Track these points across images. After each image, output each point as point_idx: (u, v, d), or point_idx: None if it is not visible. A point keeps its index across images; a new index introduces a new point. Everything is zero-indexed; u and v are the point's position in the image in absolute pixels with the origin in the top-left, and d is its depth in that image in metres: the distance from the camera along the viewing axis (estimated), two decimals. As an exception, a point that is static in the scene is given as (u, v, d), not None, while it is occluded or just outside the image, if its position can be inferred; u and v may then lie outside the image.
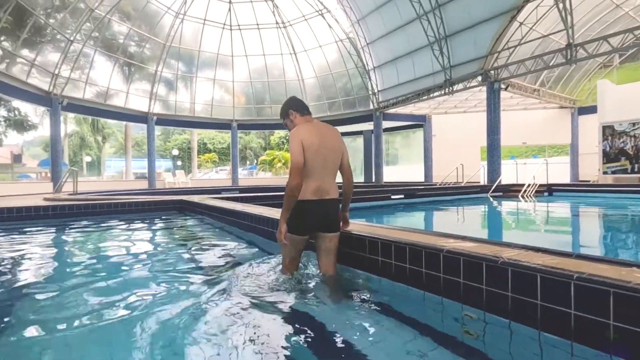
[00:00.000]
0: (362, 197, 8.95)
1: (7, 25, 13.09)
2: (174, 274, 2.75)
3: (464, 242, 1.92)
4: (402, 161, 22.75)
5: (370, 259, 2.28)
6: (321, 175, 2.16)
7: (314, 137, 2.13)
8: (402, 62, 16.50)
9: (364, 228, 2.56)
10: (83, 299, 2.20)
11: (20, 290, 2.41)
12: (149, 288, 2.39)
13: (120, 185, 18.08)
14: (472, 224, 7.08)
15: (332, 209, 2.23)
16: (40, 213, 5.45)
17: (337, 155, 2.24)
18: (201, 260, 3.15)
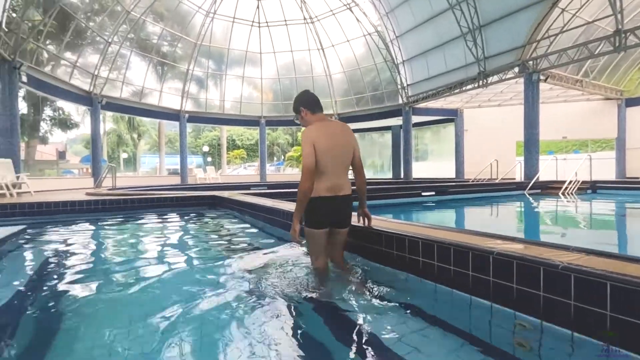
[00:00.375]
0: (392, 194, 8.78)
1: (52, 29, 13.88)
2: (209, 267, 2.81)
3: (513, 243, 1.80)
4: (431, 157, 22.17)
5: (411, 259, 2.19)
6: (334, 173, 2.22)
7: (325, 137, 2.19)
8: (432, 54, 16.01)
9: (402, 227, 2.47)
10: (122, 289, 2.31)
11: (66, 278, 2.52)
12: (185, 281, 2.46)
13: (154, 181, 18.79)
14: (511, 224, 6.75)
15: (345, 205, 2.30)
16: (83, 207, 5.73)
17: (348, 152, 2.29)
18: (235, 255, 3.18)
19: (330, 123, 2.32)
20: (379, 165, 24.38)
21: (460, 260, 1.84)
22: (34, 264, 3.00)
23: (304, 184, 2.13)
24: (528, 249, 1.68)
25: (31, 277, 2.58)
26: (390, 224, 2.55)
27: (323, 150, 2.17)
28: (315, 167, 2.16)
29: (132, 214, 5.80)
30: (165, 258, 3.19)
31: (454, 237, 2.00)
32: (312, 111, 2.35)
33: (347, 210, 2.34)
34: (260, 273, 2.46)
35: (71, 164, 30.37)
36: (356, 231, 2.60)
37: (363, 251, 2.63)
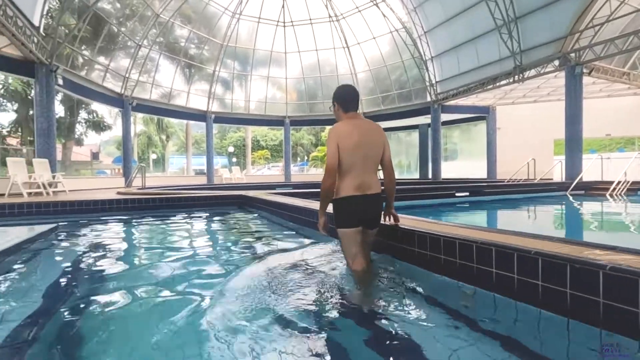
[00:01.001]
0: (425, 194, 8.39)
1: (86, 34, 14.36)
2: (238, 265, 2.66)
3: (617, 253, 1.47)
4: (461, 156, 21.37)
5: (480, 270, 1.88)
6: (362, 171, 2.18)
7: (353, 135, 2.15)
8: (463, 49, 15.37)
9: (454, 230, 2.17)
10: (150, 289, 2.21)
11: (95, 278, 2.43)
12: (215, 278, 2.40)
13: (182, 181, 19.14)
14: (561, 227, 6.22)
15: (374, 205, 2.23)
16: (114, 206, 5.74)
17: (378, 151, 2.24)
18: (265, 254, 2.99)
19: (360, 121, 2.25)
20: (406, 165, 23.78)
21: (553, 274, 1.52)
22: (64, 262, 2.92)
23: (325, 182, 2.15)
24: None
25: (61, 276, 2.52)
26: (443, 227, 2.26)
27: (349, 149, 2.13)
28: (341, 166, 2.15)
29: (162, 213, 5.75)
30: (196, 257, 3.07)
31: (533, 244, 1.68)
32: (344, 108, 2.31)
33: (377, 210, 2.27)
34: (295, 272, 2.40)
35: (104, 165, 31.55)
36: (389, 230, 2.50)
37: (400, 253, 2.48)
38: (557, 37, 11.72)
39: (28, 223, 4.69)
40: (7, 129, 21.50)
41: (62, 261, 2.95)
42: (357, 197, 2.15)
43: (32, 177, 9.50)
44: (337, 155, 2.13)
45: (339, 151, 2.13)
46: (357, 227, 2.20)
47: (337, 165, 2.14)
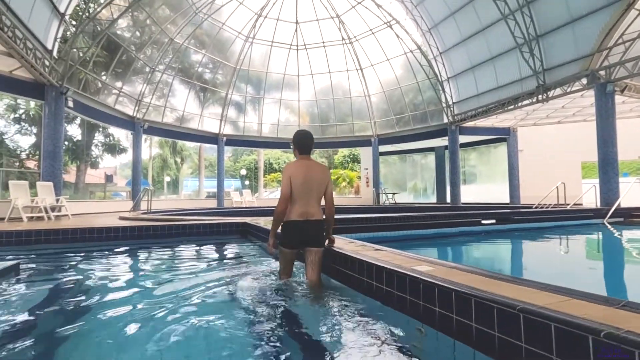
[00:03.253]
0: (448, 221, 7.62)
1: (101, 58, 14.54)
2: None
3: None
4: (480, 180, 20.42)
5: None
6: (306, 201, 2.64)
7: (301, 173, 2.64)
8: (481, 69, 14.86)
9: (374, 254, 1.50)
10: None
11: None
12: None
13: (192, 204, 18.78)
14: (605, 261, 5.34)
15: (314, 228, 2.67)
16: (102, 235, 5.22)
17: (321, 186, 2.71)
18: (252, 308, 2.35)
19: (309, 162, 2.75)
20: (422, 189, 22.91)
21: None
22: (13, 317, 2.33)
23: (277, 207, 2.63)
24: None
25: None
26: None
27: (297, 184, 2.61)
28: (291, 196, 2.62)
29: (153, 243, 5.19)
30: (165, 296, 2.42)
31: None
32: (299, 151, 2.81)
33: (317, 232, 2.70)
34: (236, 280, 2.97)
35: (117, 187, 31.77)
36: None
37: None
38: (584, 55, 11.07)
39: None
40: (26, 152, 21.92)
41: (12, 316, 2.36)
42: (300, 222, 2.62)
43: (34, 201, 9.20)
44: (289, 187, 2.61)
45: (291, 184, 2.61)
46: (296, 248, 2.70)
47: (289, 196, 2.61)
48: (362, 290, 2.33)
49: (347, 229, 6.57)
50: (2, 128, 20.64)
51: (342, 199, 24.27)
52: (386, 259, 2.20)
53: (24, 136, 21.68)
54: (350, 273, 2.50)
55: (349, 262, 2.53)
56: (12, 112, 20.74)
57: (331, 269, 2.83)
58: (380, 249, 2.71)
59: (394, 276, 1.88)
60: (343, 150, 33.33)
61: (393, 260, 2.15)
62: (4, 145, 20.60)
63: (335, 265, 2.77)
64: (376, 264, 2.06)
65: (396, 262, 2.08)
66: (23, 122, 21.10)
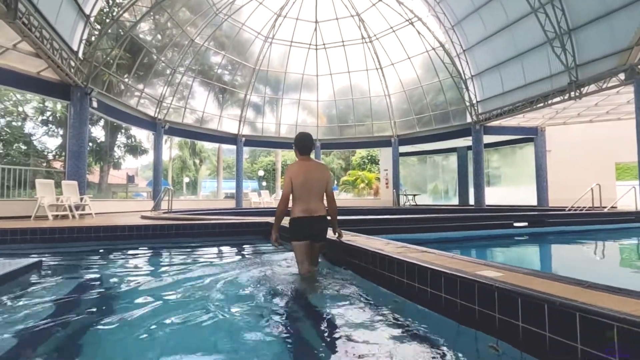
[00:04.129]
0: (479, 223, 7.24)
1: (123, 60, 14.76)
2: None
3: None
4: (504, 182, 19.70)
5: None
6: (308, 199, 2.89)
7: (301, 173, 2.89)
8: (507, 67, 14.30)
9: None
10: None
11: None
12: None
13: (210, 205, 18.85)
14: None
15: (318, 223, 2.93)
16: (125, 233, 5.13)
17: (321, 185, 2.95)
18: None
19: (309, 163, 2.97)
20: (443, 191, 22.30)
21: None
22: (35, 316, 2.20)
23: (279, 205, 2.90)
24: None
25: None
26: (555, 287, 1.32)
27: (299, 183, 2.84)
28: (294, 195, 2.87)
29: (175, 243, 5.07)
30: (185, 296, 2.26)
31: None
32: (300, 152, 3.02)
33: (321, 227, 2.94)
34: (256, 272, 3.17)
35: (139, 188, 32.37)
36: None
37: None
38: (621, 49, 10.44)
39: (20, 253, 4.14)
40: (53, 152, 22.56)
41: (34, 314, 2.24)
42: (304, 218, 2.85)
43: (59, 200, 9.32)
44: (290, 187, 2.87)
45: (292, 185, 2.86)
46: (305, 240, 2.89)
47: (291, 195, 2.88)
48: (410, 296, 2.07)
49: (373, 230, 6.31)
50: (31, 129, 21.29)
51: (361, 200, 23.92)
52: (438, 262, 1.95)
53: (50, 137, 22.31)
54: (394, 277, 2.25)
55: (394, 265, 2.28)
56: (40, 114, 21.39)
57: (367, 270, 2.60)
58: (427, 250, 2.45)
59: (457, 282, 1.63)
60: (361, 151, 32.93)
61: (448, 263, 1.90)
62: (32, 146, 21.24)
63: (373, 266, 2.52)
64: (432, 267, 1.81)
65: (453, 265, 1.82)
66: (50, 123, 21.73)
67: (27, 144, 20.94)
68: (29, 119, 21.05)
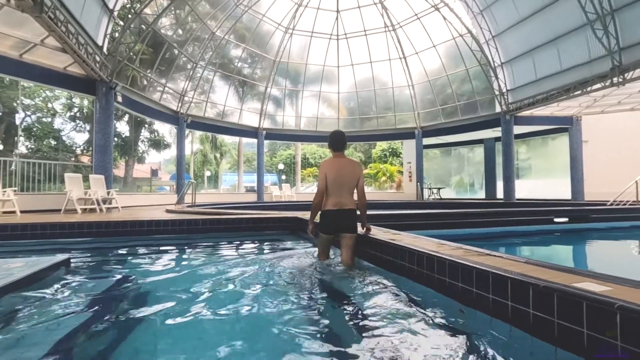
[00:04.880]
0: (515, 218, 6.81)
1: (146, 55, 14.83)
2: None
3: None
4: (534, 174, 18.83)
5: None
6: (339, 193, 3.14)
7: (334, 169, 3.14)
8: (541, 52, 13.49)
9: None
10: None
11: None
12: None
13: (232, 198, 18.94)
14: None
15: (347, 216, 3.14)
16: (152, 228, 5.05)
17: (352, 181, 3.18)
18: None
19: (341, 160, 3.22)
20: (468, 184, 21.58)
21: None
22: (65, 318, 2.07)
23: (315, 199, 3.18)
24: None
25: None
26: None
27: (331, 179, 3.12)
28: (327, 190, 3.14)
29: (201, 239, 4.94)
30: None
31: None
32: (333, 149, 3.29)
33: (349, 220, 3.14)
34: (277, 261, 3.37)
35: (162, 182, 33.02)
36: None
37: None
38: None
39: (52, 248, 4.08)
40: (80, 147, 23.23)
41: (64, 314, 2.10)
42: (333, 211, 3.09)
43: (87, 194, 9.46)
44: (324, 181, 3.10)
45: (326, 179, 3.09)
46: (332, 233, 3.15)
47: (325, 189, 3.09)
48: (481, 306, 1.77)
49: (400, 225, 6.01)
50: (59, 125, 21.94)
51: (383, 194, 23.49)
52: (512, 268, 1.66)
53: (78, 133, 22.93)
54: (457, 284, 1.96)
55: (457, 271, 1.98)
56: (68, 110, 21.99)
57: (419, 275, 2.33)
58: (490, 253, 2.15)
59: (553, 298, 1.32)
60: (381, 143, 32.30)
61: (526, 270, 1.60)
62: (61, 141, 21.89)
63: (428, 270, 2.25)
64: (513, 277, 1.50)
65: (534, 273, 1.53)
66: (78, 119, 22.31)
67: (57, 139, 21.61)
68: (58, 115, 21.70)
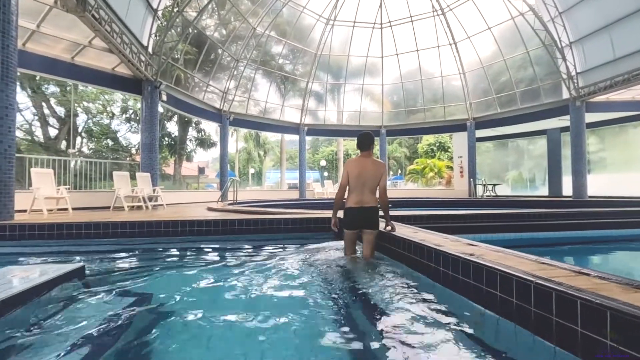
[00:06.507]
0: (601, 221, 5.69)
1: (191, 56, 15.05)
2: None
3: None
4: (608, 168, 16.60)
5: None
6: (361, 191, 3.33)
7: (357, 168, 3.34)
8: (620, 27, 11.66)
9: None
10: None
11: None
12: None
13: (275, 195, 18.84)
14: None
15: (368, 213, 3.33)
16: (186, 229, 4.75)
17: (374, 179, 3.34)
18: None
19: (366, 159, 3.40)
20: (528, 179, 19.64)
21: None
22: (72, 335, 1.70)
23: (337, 195, 3.46)
24: None
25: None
26: None
27: (353, 177, 3.33)
28: (349, 187, 3.37)
29: (241, 240, 4.55)
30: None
31: None
32: (360, 149, 3.49)
33: (370, 217, 3.33)
34: (309, 255, 3.63)
35: (209, 179, 34.13)
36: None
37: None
38: None
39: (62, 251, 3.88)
40: (135, 147, 24.55)
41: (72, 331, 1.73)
42: (355, 208, 3.33)
43: (134, 191, 9.63)
44: (346, 179, 3.38)
45: (348, 176, 3.36)
46: (355, 229, 3.37)
47: (346, 185, 3.38)
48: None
49: (454, 228, 5.23)
50: (116, 127, 23.30)
51: (431, 190, 22.18)
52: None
53: (133, 134, 24.21)
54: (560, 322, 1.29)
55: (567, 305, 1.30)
56: (124, 112, 23.28)
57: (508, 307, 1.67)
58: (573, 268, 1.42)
59: None
60: (428, 137, 30.67)
61: None
62: (118, 142, 23.24)
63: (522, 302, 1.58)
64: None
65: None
66: (132, 121, 23.54)
67: (114, 140, 22.98)
68: (116, 117, 23.04)
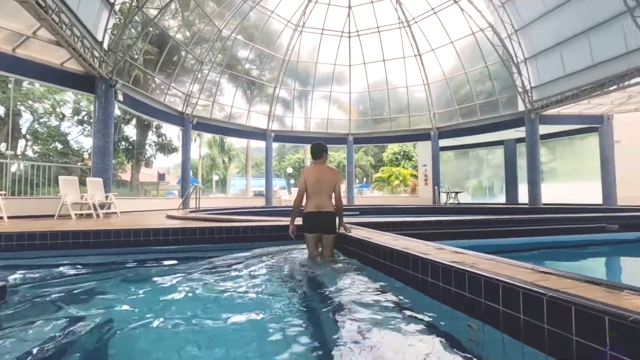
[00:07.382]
0: (560, 227, 5.88)
1: (152, 56, 14.29)
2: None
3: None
4: (559, 178, 17.70)
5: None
6: (318, 197, 3.59)
7: (314, 175, 3.62)
8: (571, 45, 12.52)
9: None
10: None
11: None
12: None
13: (240, 202, 18.24)
14: None
15: (326, 217, 3.59)
16: (140, 239, 4.28)
17: (330, 186, 3.65)
18: None
19: (321, 167, 3.72)
20: (487, 187, 20.51)
21: None
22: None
23: (295, 201, 3.70)
24: None
25: None
26: None
27: (311, 183, 3.59)
28: (307, 193, 3.63)
29: (199, 248, 4.16)
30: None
31: None
32: (313, 158, 3.82)
33: (328, 221, 3.59)
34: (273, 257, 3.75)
35: (170, 186, 32.59)
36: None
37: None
38: None
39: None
40: (88, 151, 22.88)
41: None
42: (314, 213, 3.55)
43: (83, 198, 8.80)
44: (304, 185, 3.63)
45: (306, 183, 3.61)
46: (314, 233, 3.58)
47: (304, 192, 3.64)
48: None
49: (419, 235, 5.16)
50: (66, 129, 21.61)
51: (396, 198, 22.54)
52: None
53: (86, 137, 22.58)
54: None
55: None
56: (75, 114, 21.65)
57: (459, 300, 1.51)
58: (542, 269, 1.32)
59: None
60: (393, 146, 31.36)
61: None
62: (68, 145, 21.53)
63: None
64: None
65: None
66: (85, 123, 21.95)
67: (64, 143, 21.26)
68: (67, 119, 21.36)
